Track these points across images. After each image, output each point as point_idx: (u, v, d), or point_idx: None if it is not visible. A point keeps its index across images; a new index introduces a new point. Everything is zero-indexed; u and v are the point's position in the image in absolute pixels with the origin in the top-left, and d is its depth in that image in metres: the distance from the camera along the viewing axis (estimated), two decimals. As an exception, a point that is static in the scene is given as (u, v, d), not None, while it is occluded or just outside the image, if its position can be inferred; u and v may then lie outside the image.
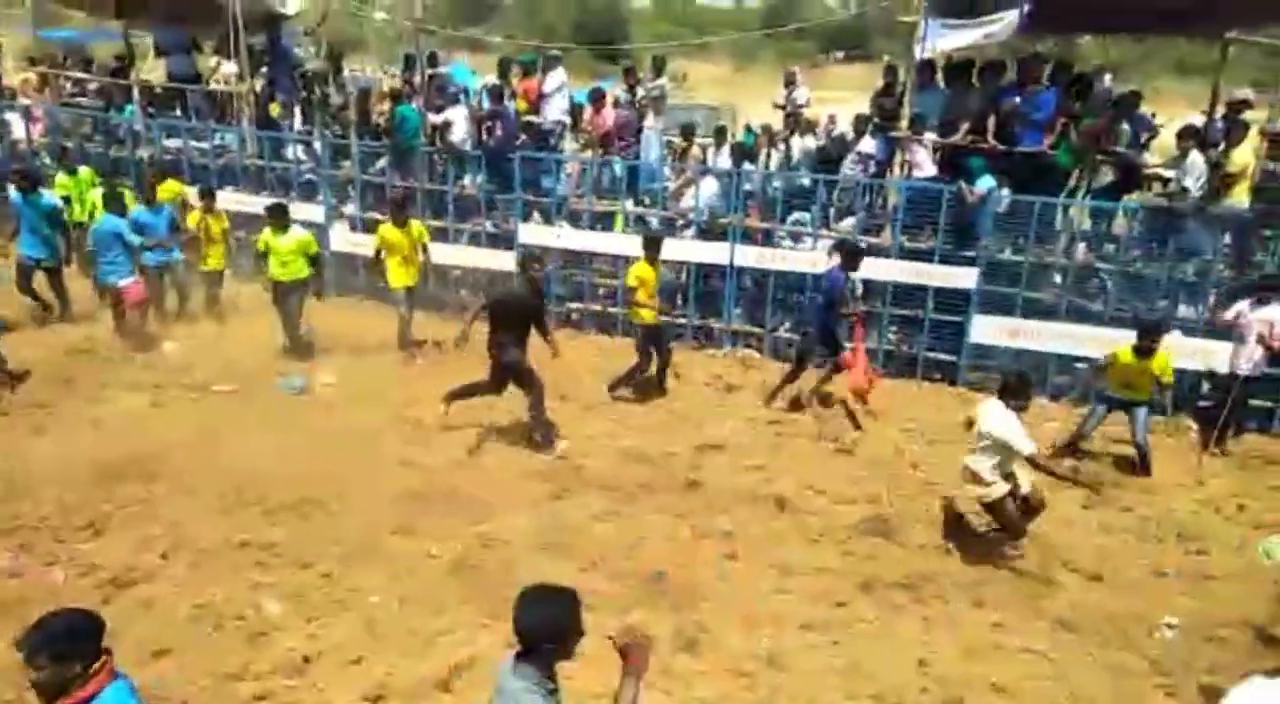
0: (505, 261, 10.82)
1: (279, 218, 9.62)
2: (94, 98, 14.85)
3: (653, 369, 9.22)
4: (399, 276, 9.92)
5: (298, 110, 13.47)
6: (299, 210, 11.36)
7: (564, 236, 11.27)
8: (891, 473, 7.72)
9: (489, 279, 11.10)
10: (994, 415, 6.31)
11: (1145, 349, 7.85)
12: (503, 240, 11.44)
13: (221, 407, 8.42)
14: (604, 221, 11.39)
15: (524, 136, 11.77)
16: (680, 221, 11.06)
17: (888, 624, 5.71)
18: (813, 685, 5.07)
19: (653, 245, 8.99)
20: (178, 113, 13.75)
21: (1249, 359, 8.43)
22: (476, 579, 5.87)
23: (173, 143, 13.25)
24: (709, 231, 10.84)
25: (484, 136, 11.61)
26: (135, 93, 13.91)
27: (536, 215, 11.58)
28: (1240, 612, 5.92)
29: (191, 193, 11.36)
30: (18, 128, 14.23)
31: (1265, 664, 5.28)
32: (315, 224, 11.59)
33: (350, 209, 12.38)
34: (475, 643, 5.24)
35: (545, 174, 11.54)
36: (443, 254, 11.11)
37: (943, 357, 10.09)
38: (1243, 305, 8.49)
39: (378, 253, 9.96)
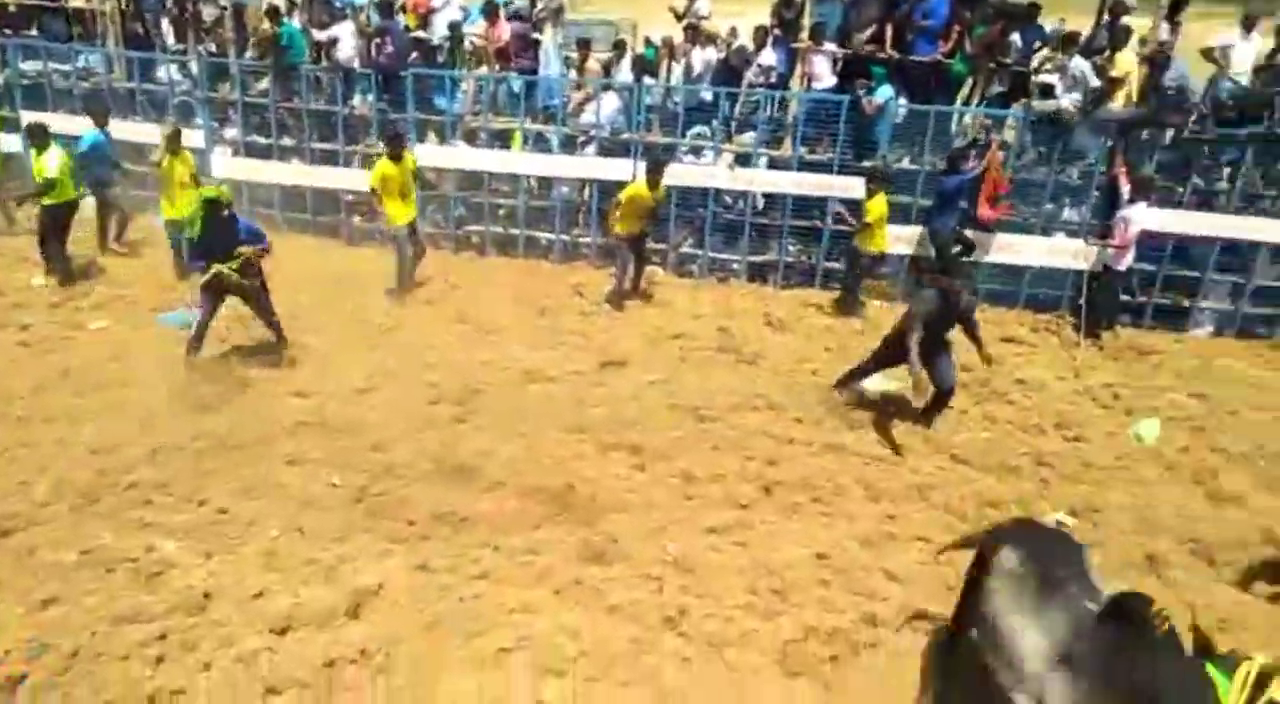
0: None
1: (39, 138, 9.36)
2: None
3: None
4: (400, 213, 9.46)
5: (169, 27, 12.59)
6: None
7: (461, 157, 10.95)
8: (793, 380, 7.87)
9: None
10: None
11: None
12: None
13: (97, 343, 8.04)
14: (502, 140, 11.08)
15: (415, 53, 11.29)
16: (581, 138, 10.85)
17: (788, 523, 5.89)
18: (718, 584, 5.21)
19: (656, 169, 9.15)
20: (34, 33, 12.71)
21: (1116, 255, 9.01)
22: (379, 507, 5.81)
23: (30, 66, 12.27)
24: (611, 148, 10.67)
25: (373, 53, 11.09)
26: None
27: (431, 135, 11.20)
28: (1118, 495, 6.30)
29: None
30: None
31: (1144, 544, 5.68)
32: (195, 149, 10.96)
33: (232, 133, 11.76)
34: (381, 569, 5.20)
35: (439, 92, 11.12)
36: (333, 178, 10.72)
37: (839, 266, 10.23)
38: (1128, 211, 8.92)
39: (373, 190, 9.48)
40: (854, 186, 9.79)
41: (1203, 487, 6.47)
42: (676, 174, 10.18)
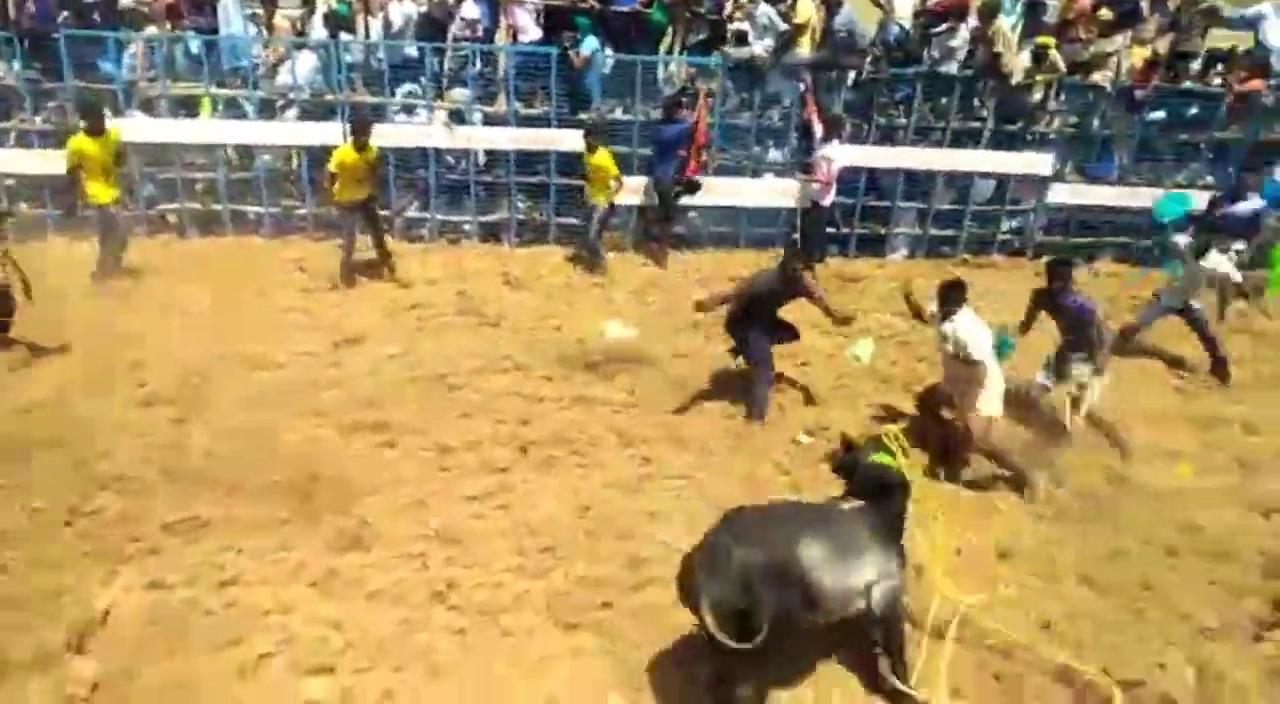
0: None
1: None
2: None
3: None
4: (103, 192, 8.51)
5: None
6: None
7: (144, 128, 9.79)
8: (536, 338, 7.88)
9: (52, 187, 9.39)
10: None
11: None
12: (58, 139, 9.64)
13: None
14: (188, 108, 10.04)
15: (64, 12, 9.87)
16: (280, 102, 10.06)
17: (547, 480, 5.93)
18: (484, 552, 5.17)
19: (361, 130, 8.77)
20: None
21: (820, 191, 9.81)
22: (94, 527, 5.23)
23: None
24: (313, 111, 9.99)
25: (13, 14, 9.59)
26: None
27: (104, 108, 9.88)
28: (840, 411, 6.91)
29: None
30: None
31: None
32: None
33: None
34: (105, 595, 4.68)
35: (102, 57, 9.83)
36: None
37: (572, 221, 10.31)
38: (825, 150, 9.69)
39: (71, 171, 8.38)
40: (573, 140, 9.84)
41: (910, 393, 7.25)
42: (391, 135, 9.73)
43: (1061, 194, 10.86)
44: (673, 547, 5.09)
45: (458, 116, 10.09)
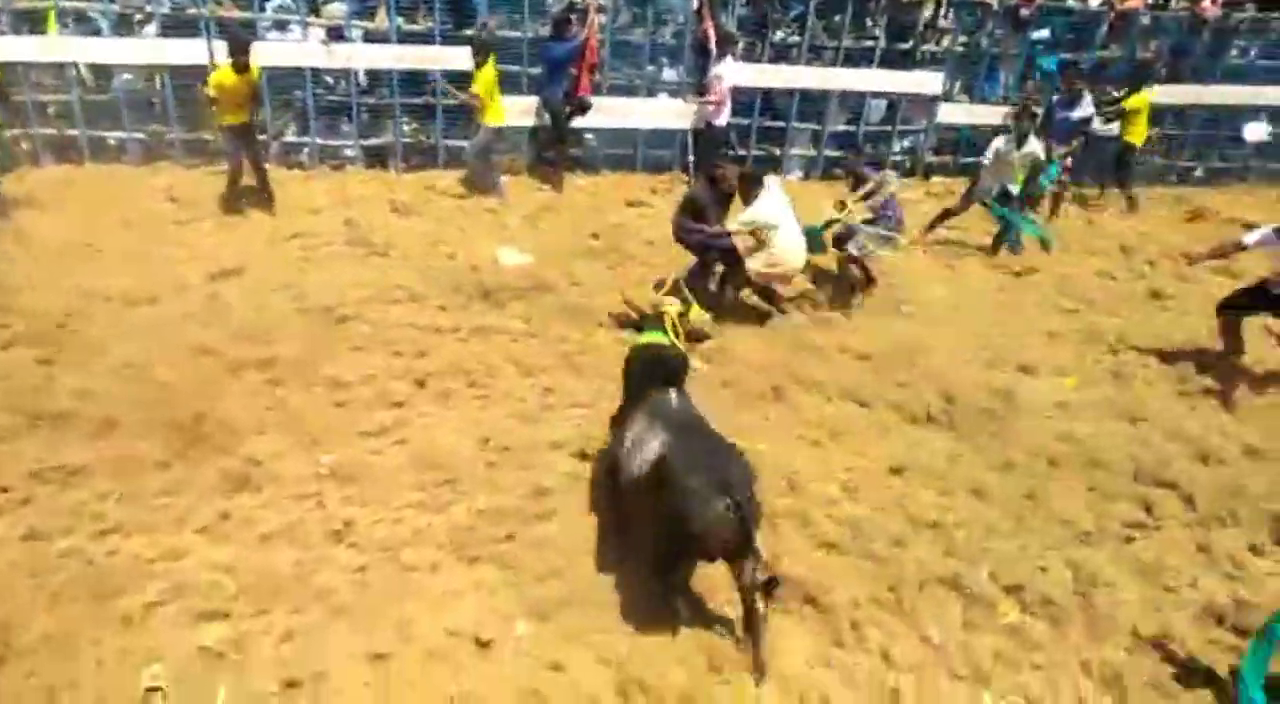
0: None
1: None
2: None
3: None
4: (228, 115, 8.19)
5: None
6: None
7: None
8: (429, 266, 7.64)
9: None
10: None
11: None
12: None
13: None
14: (32, 24, 9.16)
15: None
16: (138, 16, 9.28)
17: (446, 412, 5.82)
18: (384, 488, 5.04)
19: (240, 50, 8.06)
20: None
21: (714, 112, 9.75)
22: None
23: None
24: (174, 27, 9.26)
25: None
26: None
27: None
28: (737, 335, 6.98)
29: None
30: None
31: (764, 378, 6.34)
32: None
33: None
34: None
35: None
36: None
37: (461, 143, 9.94)
38: (718, 68, 9.57)
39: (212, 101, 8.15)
40: (459, 58, 9.42)
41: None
42: (264, 54, 9.11)
43: (951, 114, 11.03)
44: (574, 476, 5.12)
45: (336, 33, 9.53)
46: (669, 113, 10.22)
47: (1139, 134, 10.37)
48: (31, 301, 6.53)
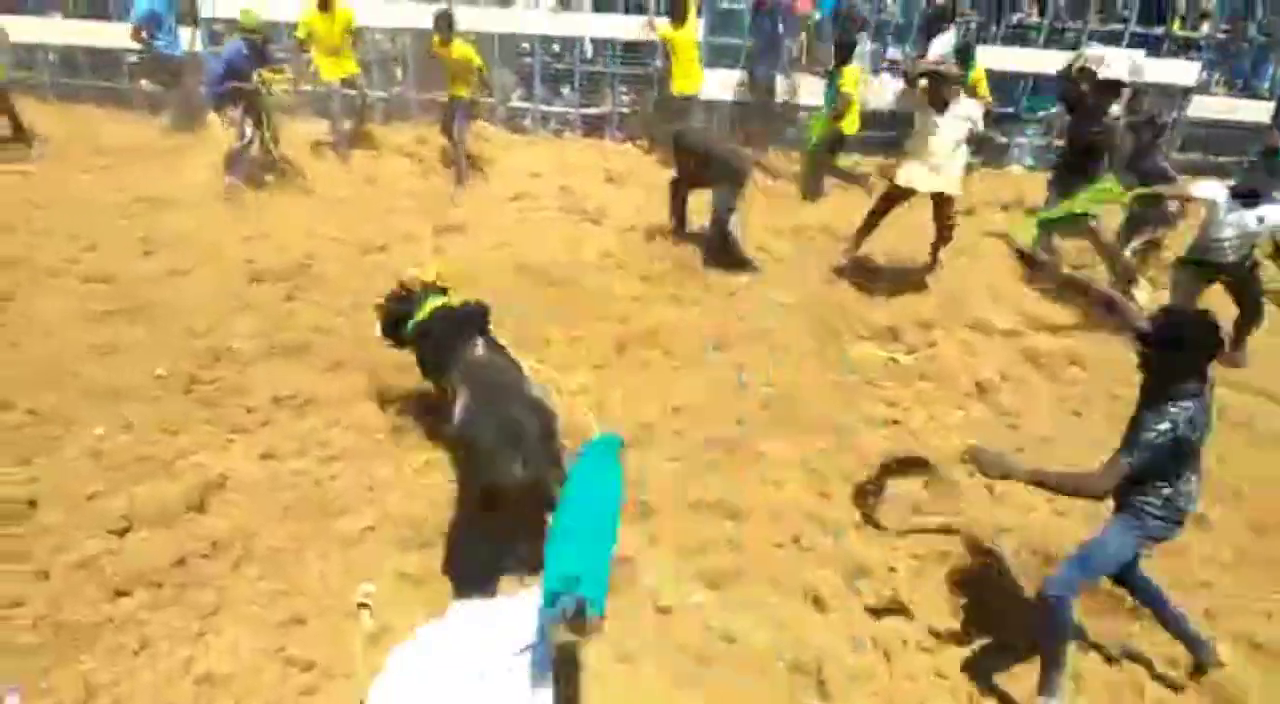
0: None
1: None
2: None
3: None
4: (328, 69, 8.80)
5: None
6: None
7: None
8: (634, 233, 7.80)
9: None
10: None
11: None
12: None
13: None
14: None
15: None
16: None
17: (641, 379, 5.98)
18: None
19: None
20: None
21: None
22: (212, 395, 5.45)
23: None
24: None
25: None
26: None
27: None
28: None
29: None
30: None
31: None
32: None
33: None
34: (223, 460, 4.93)
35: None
36: (110, 36, 9.45)
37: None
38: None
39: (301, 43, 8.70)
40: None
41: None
42: (500, 20, 9.57)
43: (1206, 108, 10.06)
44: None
45: (565, 2, 9.85)
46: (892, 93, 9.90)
47: None
48: (284, 242, 7.20)
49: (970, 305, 6.91)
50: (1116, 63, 8.56)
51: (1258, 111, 9.82)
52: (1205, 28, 10.00)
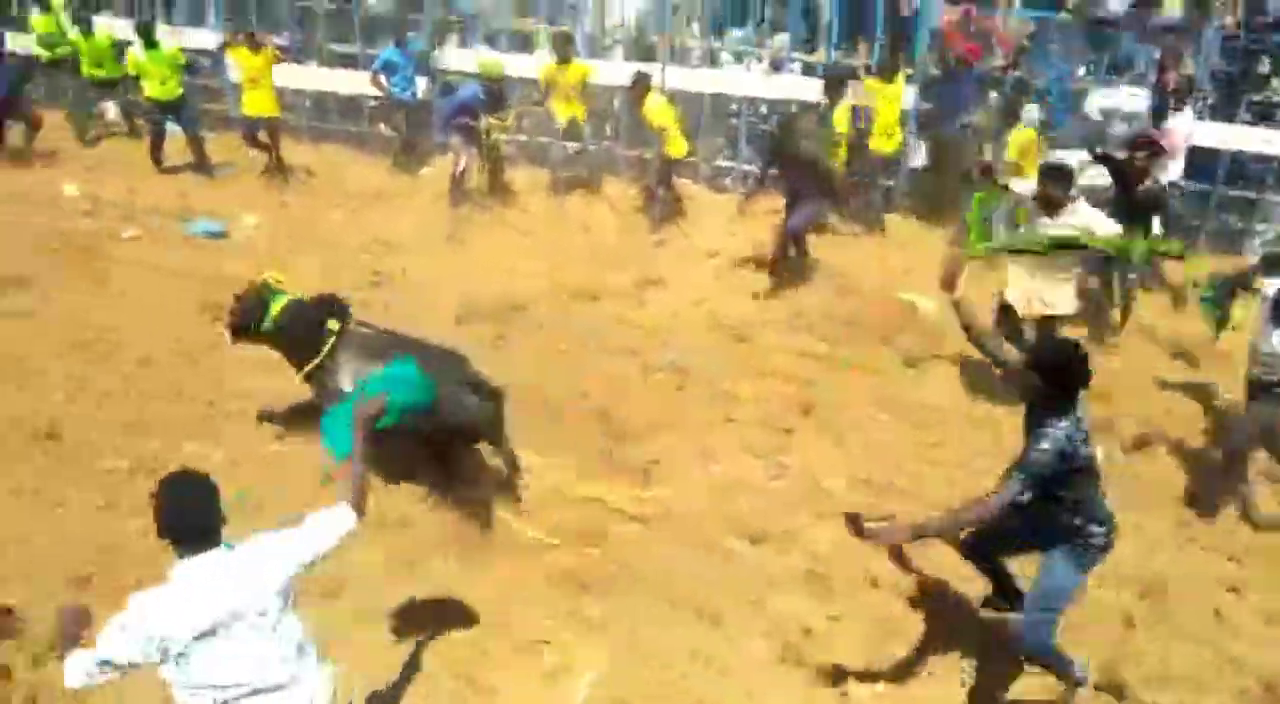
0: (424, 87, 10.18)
1: (148, 35, 9.40)
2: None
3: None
4: (562, 111, 9.35)
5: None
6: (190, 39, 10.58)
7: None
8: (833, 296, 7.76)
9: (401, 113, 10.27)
10: None
11: None
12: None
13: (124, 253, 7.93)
14: (524, 45, 10.67)
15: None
16: (607, 41, 10.44)
17: (826, 445, 5.95)
18: (765, 508, 5.27)
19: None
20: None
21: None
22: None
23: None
24: (636, 50, 10.28)
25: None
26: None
27: (453, 38, 10.77)
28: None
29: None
30: None
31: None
32: (206, 51, 10.68)
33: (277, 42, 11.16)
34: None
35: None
36: (355, 83, 10.38)
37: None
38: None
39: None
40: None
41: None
42: (710, 81, 9.83)
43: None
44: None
45: (777, 64, 9.99)
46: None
47: None
48: (497, 283, 7.61)
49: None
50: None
51: None
52: None
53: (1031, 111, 8.84)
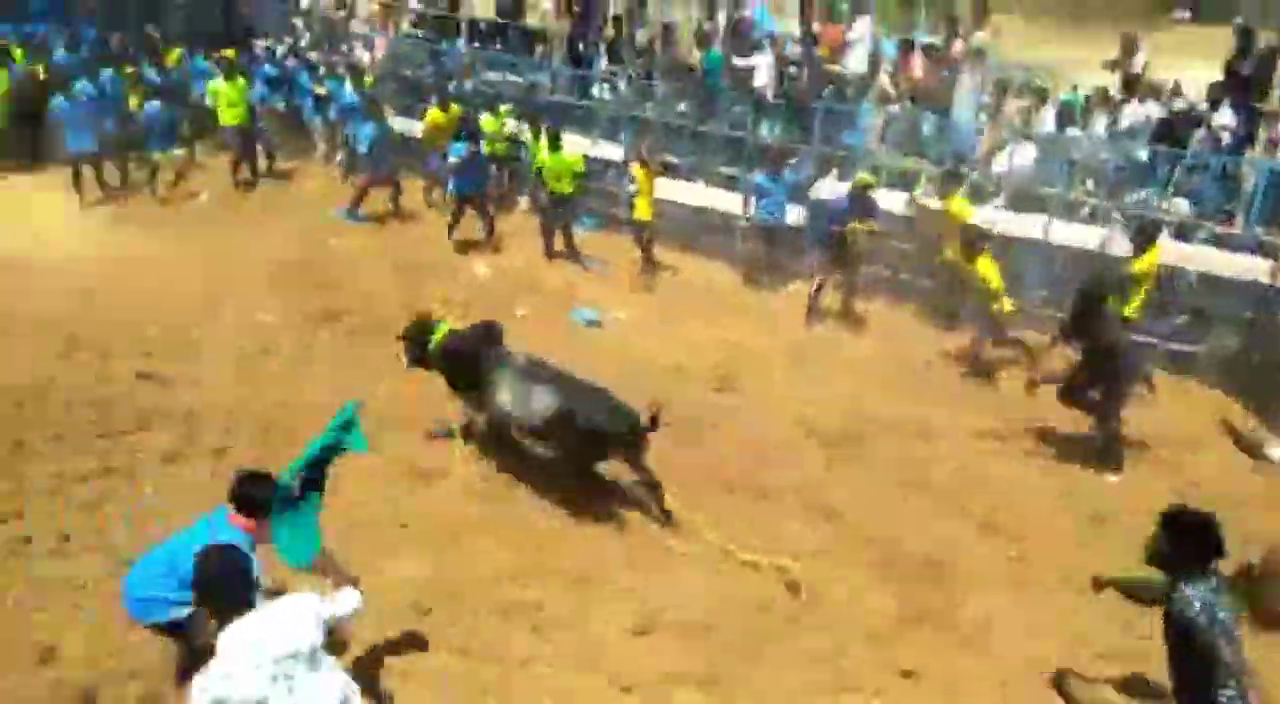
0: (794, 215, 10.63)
1: (555, 139, 10.69)
2: (429, 31, 15.83)
3: None
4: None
5: (604, 49, 13.70)
6: (601, 150, 11.94)
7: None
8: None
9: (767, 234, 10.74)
10: None
11: None
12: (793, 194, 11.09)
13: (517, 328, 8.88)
14: (905, 181, 10.82)
15: (829, 85, 11.44)
16: (991, 189, 10.31)
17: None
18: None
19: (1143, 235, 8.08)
20: (499, 47, 14.56)
21: None
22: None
23: (493, 75, 13.99)
24: (1020, 202, 10.03)
25: (784, 83, 11.39)
26: (463, 27, 14.87)
27: (834, 170, 11.19)
28: None
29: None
30: (362, 54, 15.55)
31: None
32: (613, 162, 11.95)
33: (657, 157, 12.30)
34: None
35: (847, 127, 11.13)
36: (731, 203, 11.11)
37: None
38: None
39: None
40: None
41: None
42: (1097, 238, 9.34)
43: None
44: None
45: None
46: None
47: None
48: (839, 405, 7.68)
49: None
50: None
51: None
52: None
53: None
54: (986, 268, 8.33)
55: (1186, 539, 3.70)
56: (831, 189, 10.43)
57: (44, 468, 5.89)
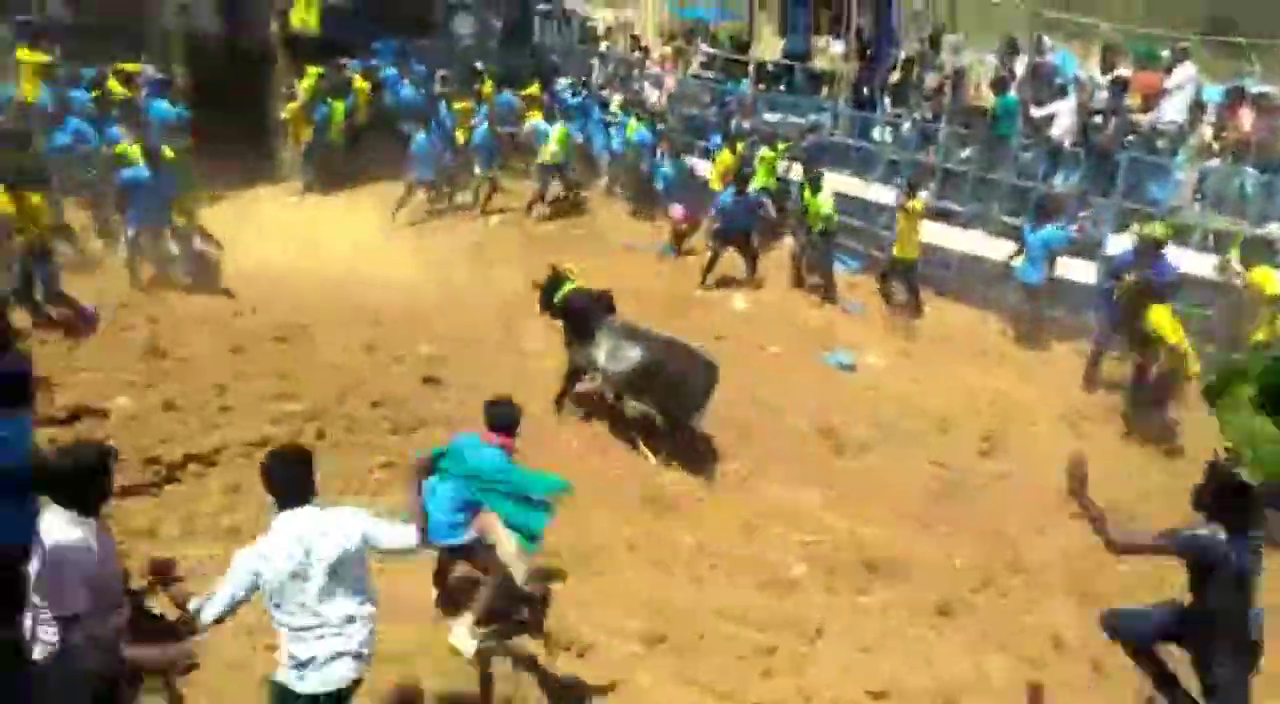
0: (1083, 273, 9.79)
1: (815, 183, 10.74)
2: (718, 72, 16.22)
3: None
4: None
5: (890, 92, 13.41)
6: (875, 193, 11.69)
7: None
8: None
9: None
10: None
11: None
12: (1084, 249, 10.27)
13: (767, 365, 8.90)
14: (1220, 243, 9.63)
15: (1134, 135, 10.48)
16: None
17: None
18: None
19: None
20: (782, 88, 14.70)
21: None
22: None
23: (773, 117, 14.12)
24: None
25: (1088, 132, 10.56)
26: (750, 68, 15.15)
27: (1134, 225, 10.20)
28: None
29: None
30: (651, 92, 16.25)
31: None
32: (885, 206, 11.64)
33: (923, 196, 11.98)
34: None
35: (1154, 180, 10.11)
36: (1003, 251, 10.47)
37: None
38: None
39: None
40: None
41: None
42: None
43: None
44: None
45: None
46: None
47: None
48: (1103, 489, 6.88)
49: None
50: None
51: None
52: None
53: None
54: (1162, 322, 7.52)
55: (1225, 492, 3.97)
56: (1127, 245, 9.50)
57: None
